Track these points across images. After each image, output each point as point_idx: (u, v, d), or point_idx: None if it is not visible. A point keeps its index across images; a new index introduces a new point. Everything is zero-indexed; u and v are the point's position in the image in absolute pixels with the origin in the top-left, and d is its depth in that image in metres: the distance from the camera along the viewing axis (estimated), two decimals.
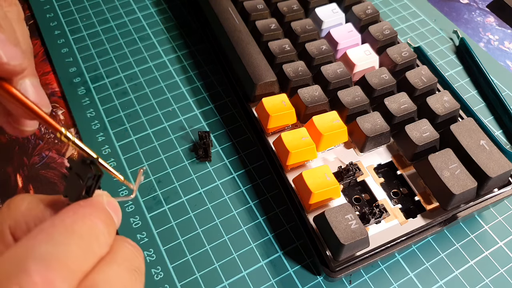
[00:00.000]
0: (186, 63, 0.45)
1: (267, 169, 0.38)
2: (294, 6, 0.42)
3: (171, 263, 0.33)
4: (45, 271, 0.16)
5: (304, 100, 0.35)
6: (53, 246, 0.17)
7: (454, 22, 0.51)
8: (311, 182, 0.31)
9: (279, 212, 0.36)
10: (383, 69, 0.38)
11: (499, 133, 0.41)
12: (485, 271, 0.33)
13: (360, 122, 0.34)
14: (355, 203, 0.34)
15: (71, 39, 0.47)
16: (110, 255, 0.19)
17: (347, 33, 0.41)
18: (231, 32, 0.40)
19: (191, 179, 0.37)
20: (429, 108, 0.35)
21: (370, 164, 0.35)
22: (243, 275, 0.33)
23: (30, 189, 0.37)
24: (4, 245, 0.19)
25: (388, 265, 0.33)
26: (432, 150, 0.33)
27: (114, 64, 0.45)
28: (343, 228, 0.29)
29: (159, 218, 0.35)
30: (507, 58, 0.47)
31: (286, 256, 0.34)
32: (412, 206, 0.34)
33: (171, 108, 0.42)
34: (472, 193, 0.31)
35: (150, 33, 0.47)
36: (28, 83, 0.24)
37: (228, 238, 0.34)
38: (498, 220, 0.36)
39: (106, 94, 0.42)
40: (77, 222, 0.18)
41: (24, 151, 0.39)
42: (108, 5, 0.50)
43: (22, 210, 0.20)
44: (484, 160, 0.32)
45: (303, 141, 0.33)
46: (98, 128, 0.40)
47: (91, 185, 0.20)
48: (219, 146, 0.39)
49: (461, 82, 0.45)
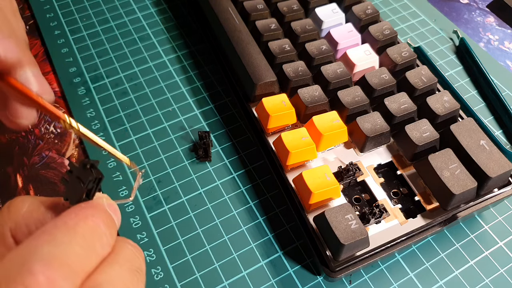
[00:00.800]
0: (186, 63, 0.45)
1: (267, 169, 0.38)
2: (294, 6, 0.42)
3: (171, 263, 0.33)
4: (49, 271, 0.16)
5: (304, 100, 0.35)
6: (56, 247, 0.17)
7: (454, 22, 0.51)
8: (311, 182, 0.31)
9: (279, 212, 0.36)
10: (383, 69, 0.38)
11: (499, 133, 0.41)
12: (485, 271, 0.33)
13: (360, 122, 0.34)
14: (355, 203, 0.34)
15: (71, 39, 0.47)
16: (112, 256, 0.19)
17: (347, 33, 0.41)
18: (231, 32, 0.40)
19: (191, 179, 0.37)
20: (429, 108, 0.35)
21: (370, 164, 0.35)
22: (243, 275, 0.33)
23: (30, 189, 0.37)
24: (5, 248, 0.19)
25: (388, 265, 0.33)
26: (432, 150, 0.33)
27: (114, 64, 0.45)
28: (343, 228, 0.29)
29: (159, 218, 0.35)
30: (507, 58, 0.47)
31: (286, 256, 0.34)
32: (412, 206, 0.34)
33: (171, 108, 0.42)
34: (472, 193, 0.31)
35: (150, 33, 0.47)
36: (29, 73, 0.24)
37: (228, 238, 0.34)
38: (498, 220, 0.36)
39: (106, 94, 0.42)
40: (80, 224, 0.18)
41: (24, 151, 0.39)
42: (108, 5, 0.50)
43: (22, 212, 0.20)
44: (484, 160, 0.32)
45: (303, 141, 0.33)
46: (98, 128, 0.40)
47: (92, 188, 0.20)
48: (219, 146, 0.39)
49: (461, 82, 0.45)
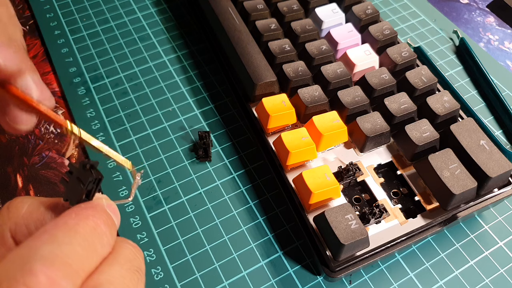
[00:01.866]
0: (186, 63, 0.45)
1: (267, 169, 0.38)
2: (294, 6, 0.42)
3: (171, 263, 0.33)
4: (50, 271, 0.16)
5: (304, 100, 0.35)
6: (57, 247, 0.17)
7: (454, 22, 0.51)
8: (311, 182, 0.31)
9: (279, 212, 0.36)
10: (383, 69, 0.38)
11: (499, 133, 0.41)
12: (485, 271, 0.33)
13: (360, 122, 0.34)
14: (355, 203, 0.34)
15: (71, 39, 0.47)
16: (112, 255, 0.19)
17: (347, 33, 0.41)
18: (231, 32, 0.40)
19: (191, 179, 0.37)
20: (429, 108, 0.35)
21: (370, 164, 0.35)
22: (243, 275, 0.33)
23: (30, 189, 0.37)
24: (5, 248, 0.19)
25: (388, 265, 0.33)
26: (432, 150, 0.33)
27: (114, 64, 0.45)
28: (343, 228, 0.29)
29: (159, 218, 0.35)
30: (507, 58, 0.47)
31: (286, 256, 0.34)
32: (412, 206, 0.34)
33: (171, 108, 0.42)
34: (472, 193, 0.31)
35: (150, 33, 0.47)
36: (29, 80, 0.24)
37: (228, 238, 0.34)
38: (498, 220, 0.36)
39: (106, 94, 0.42)
40: (80, 224, 0.18)
41: (24, 151, 0.39)
42: (108, 5, 0.50)
43: (22, 213, 0.20)
44: (484, 160, 0.32)
45: (303, 141, 0.33)
46: (98, 128, 0.40)
47: (92, 188, 0.20)
48: (219, 146, 0.39)
49: (461, 82, 0.45)
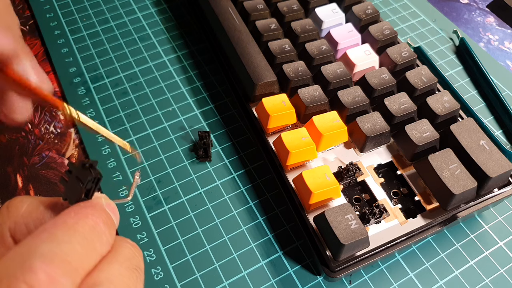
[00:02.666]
0: (186, 63, 0.45)
1: (267, 169, 0.38)
2: (294, 6, 0.42)
3: (171, 263, 0.33)
4: (50, 269, 0.16)
5: (304, 100, 0.35)
6: (56, 245, 0.17)
7: (454, 22, 0.51)
8: (311, 182, 0.31)
9: (279, 212, 0.36)
10: (383, 69, 0.38)
11: (499, 133, 0.41)
12: (485, 271, 0.33)
13: (360, 122, 0.34)
14: (355, 203, 0.34)
15: (71, 39, 0.47)
16: (112, 254, 0.19)
17: (347, 33, 0.41)
18: (231, 32, 0.40)
19: (191, 179, 0.37)
20: (429, 108, 0.35)
21: (370, 164, 0.35)
22: (243, 275, 0.33)
23: (30, 189, 0.37)
24: (4, 247, 0.19)
25: (388, 265, 0.33)
26: (432, 150, 0.33)
27: (114, 64, 0.45)
28: (343, 228, 0.29)
29: (159, 218, 0.35)
30: (507, 58, 0.47)
31: (286, 256, 0.34)
32: (412, 206, 0.34)
33: (171, 108, 0.42)
34: (472, 193, 0.31)
35: (150, 33, 0.47)
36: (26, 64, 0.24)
37: (228, 238, 0.34)
38: (498, 220, 0.36)
39: (106, 94, 0.42)
40: (79, 222, 0.18)
41: (24, 151, 0.39)
42: (108, 5, 0.50)
43: (21, 212, 0.20)
44: (484, 160, 0.32)
45: (303, 141, 0.33)
46: None
47: (91, 188, 0.20)
48: (219, 146, 0.39)
49: (461, 82, 0.45)
